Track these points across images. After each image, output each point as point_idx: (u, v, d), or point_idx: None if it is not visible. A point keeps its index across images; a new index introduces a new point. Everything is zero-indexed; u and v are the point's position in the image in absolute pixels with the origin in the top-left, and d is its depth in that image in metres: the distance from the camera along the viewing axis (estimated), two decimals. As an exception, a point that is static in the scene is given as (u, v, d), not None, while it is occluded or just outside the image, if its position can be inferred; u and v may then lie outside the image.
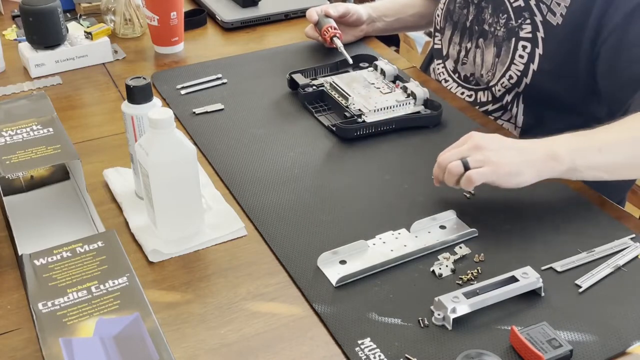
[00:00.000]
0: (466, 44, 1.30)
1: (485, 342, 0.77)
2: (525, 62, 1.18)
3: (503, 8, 1.20)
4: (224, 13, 1.55)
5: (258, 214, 0.97)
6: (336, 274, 0.85)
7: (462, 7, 1.30)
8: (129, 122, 0.93)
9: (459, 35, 1.31)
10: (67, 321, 0.72)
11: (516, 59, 1.19)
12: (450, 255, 0.88)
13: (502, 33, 1.21)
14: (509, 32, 1.20)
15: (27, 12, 1.32)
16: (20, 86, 1.31)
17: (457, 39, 1.32)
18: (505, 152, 0.93)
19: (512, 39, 1.19)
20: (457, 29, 1.31)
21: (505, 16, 1.20)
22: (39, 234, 0.94)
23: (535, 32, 1.16)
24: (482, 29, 1.25)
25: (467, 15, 1.28)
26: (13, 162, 0.91)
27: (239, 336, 0.79)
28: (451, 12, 1.32)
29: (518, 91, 1.21)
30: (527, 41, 1.17)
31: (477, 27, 1.26)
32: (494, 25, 1.22)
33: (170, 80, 1.31)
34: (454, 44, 1.33)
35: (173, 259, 0.90)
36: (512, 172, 0.91)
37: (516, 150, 0.93)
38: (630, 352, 0.76)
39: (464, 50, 1.30)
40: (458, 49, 1.32)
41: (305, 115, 1.20)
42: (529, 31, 1.17)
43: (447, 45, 1.35)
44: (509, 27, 1.19)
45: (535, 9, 1.15)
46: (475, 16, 1.26)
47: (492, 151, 0.92)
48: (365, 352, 0.76)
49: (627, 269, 0.86)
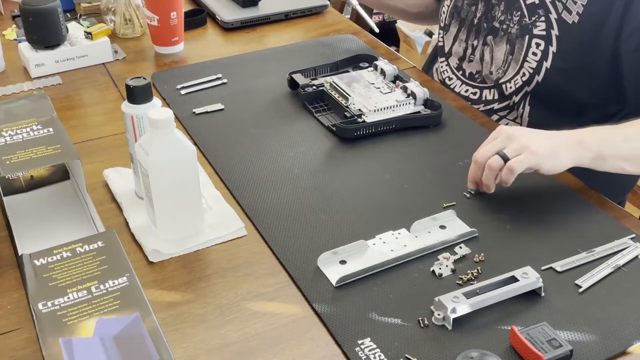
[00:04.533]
0: (472, 41, 1.30)
1: (485, 342, 0.77)
2: (539, 59, 1.18)
3: (517, 5, 1.20)
4: (224, 13, 1.55)
5: (258, 214, 0.97)
6: (336, 274, 0.85)
7: (470, 4, 1.30)
8: (129, 122, 0.93)
9: (465, 32, 1.31)
10: (67, 321, 0.72)
11: (529, 56, 1.19)
12: (450, 255, 0.88)
13: (515, 30, 1.21)
14: (523, 29, 1.20)
15: (27, 12, 1.32)
16: (20, 86, 1.31)
17: (464, 36, 1.32)
18: (538, 136, 0.95)
19: (526, 36, 1.19)
20: (464, 26, 1.31)
21: (519, 13, 1.20)
22: (39, 234, 0.94)
23: (550, 30, 1.16)
24: (491, 26, 1.25)
25: (476, 12, 1.28)
26: (13, 162, 0.91)
27: (239, 336, 0.79)
28: (458, 9, 1.32)
29: (527, 90, 1.21)
30: (540, 39, 1.18)
31: (485, 24, 1.26)
32: (507, 22, 1.22)
33: (170, 80, 1.31)
34: (459, 40, 1.33)
35: (173, 259, 0.90)
36: (550, 154, 0.93)
37: (547, 136, 0.96)
38: (630, 352, 0.76)
39: (471, 48, 1.30)
40: (464, 46, 1.32)
41: (305, 115, 1.20)
42: (543, 29, 1.17)
43: (452, 42, 1.35)
44: (523, 24, 1.20)
45: (550, 6, 1.16)
46: (484, 13, 1.26)
47: (526, 137, 0.94)
48: (365, 352, 0.76)
49: (627, 269, 0.86)
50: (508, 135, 0.95)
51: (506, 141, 0.94)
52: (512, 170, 0.92)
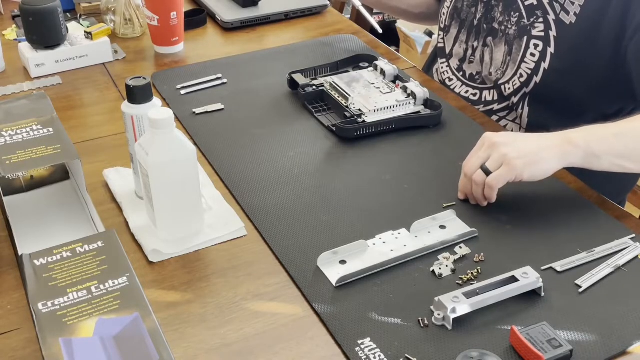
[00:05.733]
0: (473, 42, 1.30)
1: (485, 342, 0.77)
2: (537, 60, 1.18)
3: (515, 6, 1.20)
4: (224, 13, 1.55)
5: (258, 214, 0.97)
6: (336, 274, 0.85)
7: (470, 6, 1.30)
8: (129, 122, 0.93)
9: (466, 33, 1.31)
10: (67, 321, 0.72)
11: (527, 57, 1.19)
12: (450, 255, 0.88)
13: (513, 31, 1.21)
14: (521, 30, 1.20)
15: (27, 12, 1.32)
16: (20, 86, 1.31)
17: (464, 37, 1.32)
18: (520, 143, 0.93)
19: (524, 38, 1.20)
20: (464, 27, 1.32)
21: (517, 14, 1.20)
22: (39, 234, 0.94)
23: (548, 31, 1.16)
24: (491, 27, 1.25)
25: (476, 14, 1.28)
26: (13, 162, 0.91)
27: (239, 336, 0.79)
28: (458, 10, 1.32)
29: (526, 91, 1.21)
30: (539, 40, 1.18)
31: (485, 26, 1.26)
32: (505, 24, 1.22)
33: (170, 80, 1.31)
34: (460, 42, 1.33)
35: (173, 259, 0.90)
36: (531, 162, 0.91)
37: (531, 140, 0.94)
38: (630, 352, 0.76)
39: (471, 49, 1.30)
40: (465, 47, 1.32)
41: (305, 115, 1.20)
42: (541, 30, 1.17)
43: (452, 44, 1.35)
44: (521, 26, 1.20)
45: (548, 7, 1.16)
46: (484, 14, 1.27)
47: (507, 146, 0.92)
48: (365, 352, 0.76)
49: (627, 269, 0.86)
50: (491, 143, 0.93)
51: (489, 149, 0.93)
52: (491, 187, 0.92)
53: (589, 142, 0.93)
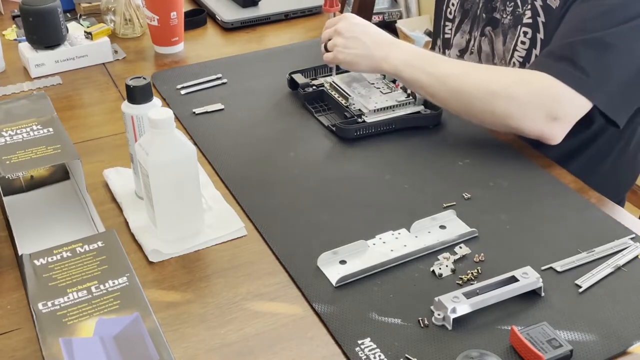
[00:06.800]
0: (475, 32, 1.30)
1: (485, 342, 0.76)
2: (527, 47, 1.18)
3: None
4: (224, 13, 1.55)
5: (258, 214, 0.97)
6: (336, 274, 0.85)
7: None
8: (129, 122, 0.93)
9: (469, 23, 1.31)
10: (67, 321, 0.72)
11: (518, 45, 1.19)
12: (450, 255, 0.88)
13: (508, 21, 1.21)
14: (515, 19, 1.20)
15: (27, 12, 1.32)
16: (20, 86, 1.31)
17: (467, 27, 1.32)
18: (353, 42, 1.13)
19: (518, 27, 1.20)
20: (467, 17, 1.31)
21: (512, 4, 1.20)
22: (39, 234, 0.94)
23: (536, 17, 1.16)
24: (490, 17, 1.25)
25: (479, 3, 1.28)
26: (13, 162, 0.91)
27: (239, 336, 0.79)
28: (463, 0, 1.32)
29: None
30: (528, 27, 1.18)
31: (484, 15, 1.26)
32: (501, 13, 1.22)
33: (170, 80, 1.31)
34: (462, 32, 1.33)
35: (173, 259, 0.90)
36: (351, 62, 1.14)
37: (362, 44, 1.12)
38: (630, 352, 0.76)
39: (473, 40, 1.30)
40: (468, 37, 1.32)
41: (305, 115, 1.20)
42: (529, 17, 1.17)
43: (454, 34, 1.35)
44: (516, 15, 1.20)
45: None
46: (485, 4, 1.26)
47: (345, 39, 1.14)
48: (365, 352, 0.76)
49: (627, 269, 0.86)
50: (337, 29, 1.15)
51: (333, 33, 1.16)
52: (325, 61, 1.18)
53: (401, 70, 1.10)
